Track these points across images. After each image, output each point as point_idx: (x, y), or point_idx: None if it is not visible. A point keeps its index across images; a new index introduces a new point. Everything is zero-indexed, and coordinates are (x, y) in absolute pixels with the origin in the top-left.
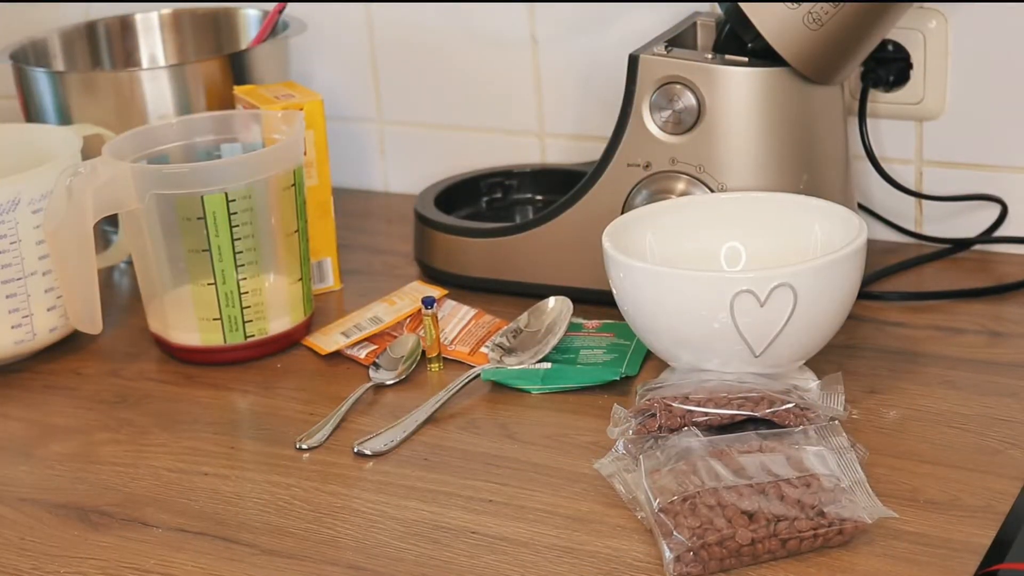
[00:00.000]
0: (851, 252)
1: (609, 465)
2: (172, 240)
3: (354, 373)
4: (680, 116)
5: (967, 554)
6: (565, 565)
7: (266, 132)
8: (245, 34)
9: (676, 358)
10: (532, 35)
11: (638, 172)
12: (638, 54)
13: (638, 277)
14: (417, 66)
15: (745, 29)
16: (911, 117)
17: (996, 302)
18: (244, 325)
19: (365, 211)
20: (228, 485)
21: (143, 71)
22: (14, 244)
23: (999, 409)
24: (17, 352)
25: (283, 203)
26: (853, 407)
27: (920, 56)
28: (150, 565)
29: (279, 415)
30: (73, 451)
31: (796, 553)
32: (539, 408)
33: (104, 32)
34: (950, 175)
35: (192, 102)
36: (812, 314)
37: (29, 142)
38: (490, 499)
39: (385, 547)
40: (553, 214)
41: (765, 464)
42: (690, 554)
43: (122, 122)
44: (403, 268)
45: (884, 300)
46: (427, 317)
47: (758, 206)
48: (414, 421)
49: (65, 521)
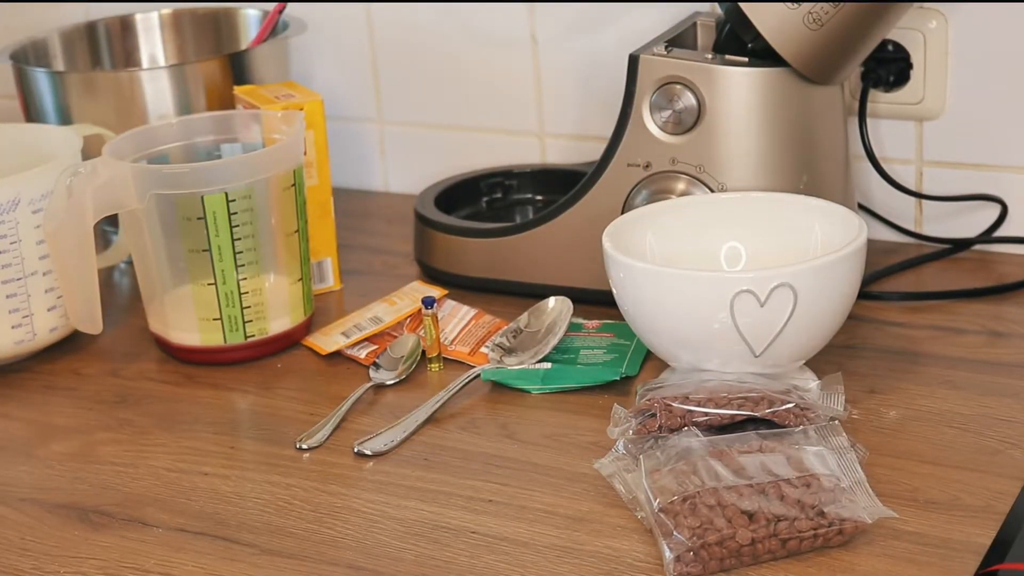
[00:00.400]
0: (851, 252)
1: (609, 465)
2: (172, 240)
3: (354, 373)
4: (680, 116)
5: (967, 554)
6: (565, 565)
7: (266, 132)
8: (245, 34)
9: (676, 358)
10: (532, 35)
11: (638, 172)
12: (638, 54)
13: (638, 277)
14: (417, 66)
15: (745, 29)
16: (911, 117)
17: (996, 302)
18: (244, 325)
19: (365, 211)
20: (228, 485)
21: (143, 71)
22: (14, 244)
23: (999, 409)
24: (17, 352)
25: (283, 203)
26: (853, 407)
27: (920, 56)
28: (150, 565)
29: (279, 415)
30: (73, 451)
31: (796, 553)
32: (539, 408)
33: (104, 32)
34: (950, 175)
35: (192, 102)
36: (812, 314)
37: (29, 142)
38: (490, 499)
39: (385, 547)
40: (553, 214)
41: (765, 464)
42: (690, 554)
43: (122, 122)
44: (403, 268)
45: (884, 300)
46: (427, 317)
47: (758, 206)
48: (414, 421)
49: (65, 521)
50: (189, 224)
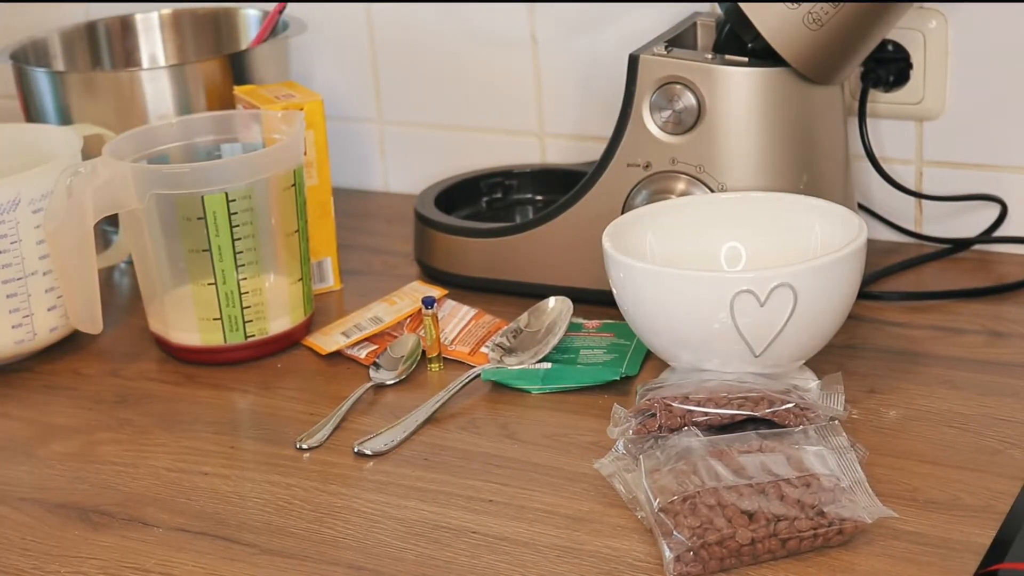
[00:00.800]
0: (851, 252)
1: (609, 465)
2: (172, 240)
3: (354, 373)
4: (680, 116)
5: (967, 554)
6: (565, 565)
7: (266, 132)
8: (245, 34)
9: (676, 358)
10: (532, 35)
11: (638, 172)
12: (638, 54)
13: (638, 277)
14: (417, 66)
15: (745, 29)
16: (911, 117)
17: (996, 302)
18: (244, 325)
19: (365, 211)
20: (228, 485)
21: (143, 71)
22: (14, 244)
23: (999, 409)
24: (17, 352)
25: (283, 203)
26: (853, 407)
27: (920, 56)
28: (150, 565)
29: (279, 415)
30: (73, 451)
31: (796, 553)
32: (539, 408)
33: (104, 32)
34: (950, 175)
35: (192, 102)
36: (812, 314)
37: (29, 142)
38: (490, 499)
39: (385, 547)
40: (553, 214)
41: (765, 464)
42: (690, 554)
43: (122, 122)
44: (403, 268)
45: (884, 300)
46: (427, 317)
47: (758, 206)
48: (414, 421)
49: (65, 521)
50: (189, 224)
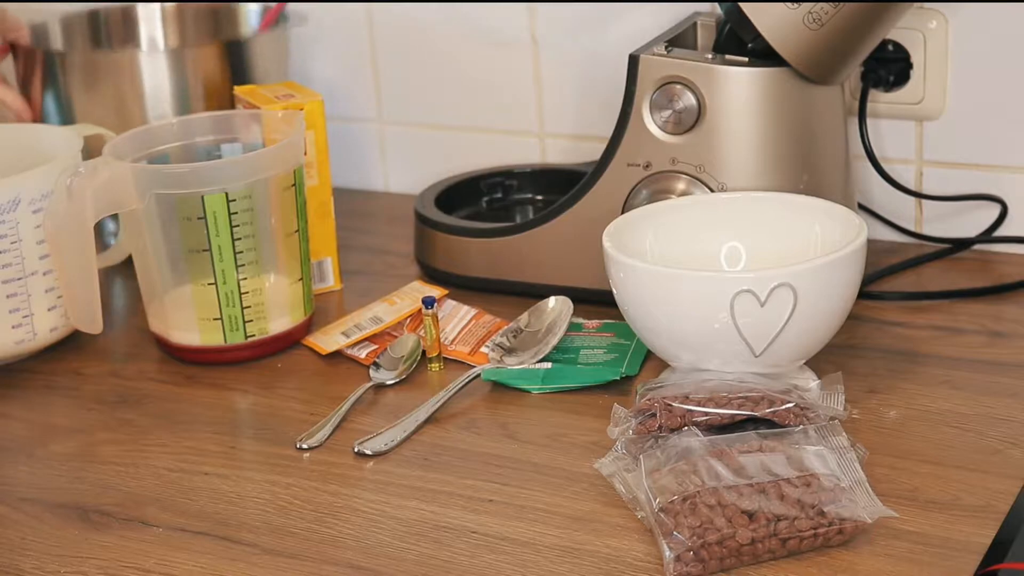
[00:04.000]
0: (851, 252)
1: (609, 465)
2: (172, 240)
3: (354, 373)
4: (680, 116)
5: (967, 554)
6: (565, 565)
7: (266, 132)
8: (246, 28)
9: (676, 358)
10: (532, 35)
11: (638, 172)
12: (638, 54)
13: (638, 277)
14: (417, 66)
15: (745, 29)
16: (911, 117)
17: (996, 302)
18: (244, 325)
19: (365, 211)
20: (228, 485)
21: (142, 53)
22: (15, 244)
23: (999, 409)
24: (17, 352)
25: (283, 203)
26: (853, 407)
27: (920, 56)
28: (150, 565)
29: (279, 415)
30: (73, 451)
31: (796, 552)
32: (539, 408)
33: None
34: (950, 175)
35: (191, 93)
36: (812, 314)
37: (29, 142)
38: (490, 499)
39: (385, 547)
40: (553, 214)
41: (765, 464)
42: (690, 553)
43: (119, 108)
44: (403, 268)
45: (884, 300)
46: (427, 317)
47: (758, 206)
48: (414, 421)
49: (65, 521)
50: (189, 224)
